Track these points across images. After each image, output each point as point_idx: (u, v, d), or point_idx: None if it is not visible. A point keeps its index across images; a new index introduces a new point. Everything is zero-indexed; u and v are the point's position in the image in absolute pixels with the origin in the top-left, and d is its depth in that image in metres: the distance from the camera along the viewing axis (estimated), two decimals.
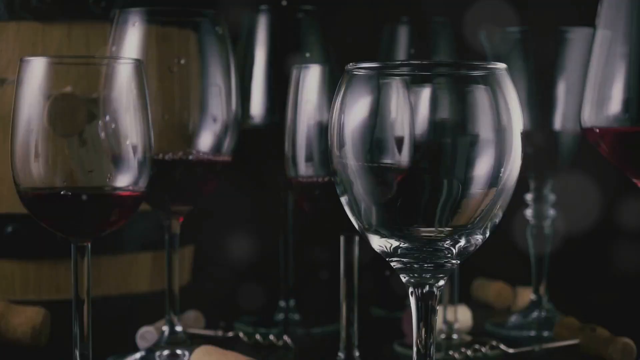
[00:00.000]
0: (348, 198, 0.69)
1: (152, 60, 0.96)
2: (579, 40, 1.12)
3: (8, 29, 1.11)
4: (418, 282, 0.70)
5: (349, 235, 0.94)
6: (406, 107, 0.66)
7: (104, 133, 0.84)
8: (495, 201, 0.67)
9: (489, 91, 0.66)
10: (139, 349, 1.03)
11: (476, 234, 0.68)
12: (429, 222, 0.67)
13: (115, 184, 0.84)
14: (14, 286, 1.13)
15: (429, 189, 0.66)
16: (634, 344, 1.01)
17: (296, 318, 1.22)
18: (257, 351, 1.07)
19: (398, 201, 0.67)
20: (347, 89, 0.68)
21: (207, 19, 0.99)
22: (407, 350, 1.07)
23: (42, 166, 0.82)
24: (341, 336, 0.96)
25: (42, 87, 0.83)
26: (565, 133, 1.14)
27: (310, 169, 0.91)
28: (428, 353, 0.71)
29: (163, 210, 1.00)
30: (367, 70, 0.67)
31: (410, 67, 0.67)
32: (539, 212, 1.19)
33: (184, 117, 0.97)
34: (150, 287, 1.19)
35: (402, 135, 0.66)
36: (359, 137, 0.67)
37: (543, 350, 1.06)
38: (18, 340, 1.05)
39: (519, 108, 0.68)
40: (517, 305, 1.31)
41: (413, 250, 0.68)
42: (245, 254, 1.48)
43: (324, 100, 0.91)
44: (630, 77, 0.87)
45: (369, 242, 0.70)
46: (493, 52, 1.16)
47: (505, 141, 0.66)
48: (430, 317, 0.71)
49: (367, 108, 0.67)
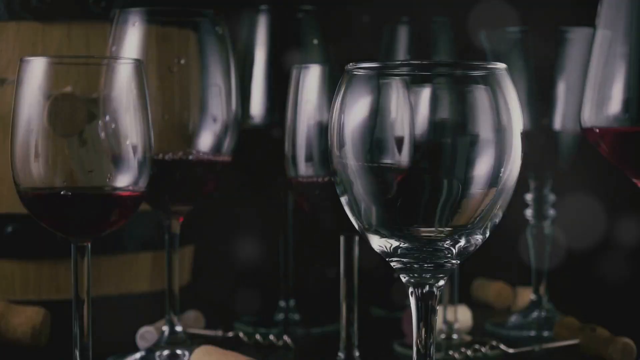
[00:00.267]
0: (348, 198, 0.69)
1: (152, 60, 0.96)
2: (579, 40, 1.12)
3: (8, 29, 1.11)
4: (418, 282, 0.70)
5: (349, 235, 0.94)
6: (406, 107, 0.66)
7: (104, 133, 0.84)
8: (495, 201, 0.67)
9: (489, 91, 0.66)
10: (139, 349, 1.03)
11: (476, 234, 0.68)
12: (429, 222, 0.67)
13: (115, 184, 0.84)
14: (14, 286, 1.12)
15: (429, 189, 0.66)
16: (634, 344, 1.01)
17: (296, 318, 1.22)
18: (257, 351, 1.07)
19: (398, 201, 0.67)
20: (347, 89, 0.68)
21: (207, 19, 0.99)
22: (407, 350, 1.07)
23: (42, 166, 0.82)
24: (341, 336, 0.96)
25: (42, 87, 0.83)
26: (565, 133, 1.14)
27: (310, 169, 0.91)
28: (428, 353, 0.71)
29: (163, 210, 1.00)
30: (367, 70, 0.67)
31: (410, 67, 0.67)
32: (539, 212, 1.19)
33: (184, 117, 0.97)
34: (150, 287, 1.19)
35: (402, 135, 0.66)
36: (359, 137, 0.67)
37: (543, 350, 1.06)
38: (18, 340, 1.05)
39: (519, 108, 0.68)
40: (517, 305, 1.31)
41: (413, 250, 0.68)
42: (245, 254, 1.48)
43: (324, 100, 0.91)
44: (630, 77, 0.87)
45: (369, 242, 0.70)
46: (493, 52, 1.16)
47: (505, 141, 0.66)
48: (430, 317, 0.71)
49: (367, 108, 0.67)
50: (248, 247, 1.48)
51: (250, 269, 1.46)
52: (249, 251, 1.47)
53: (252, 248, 1.47)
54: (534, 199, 1.19)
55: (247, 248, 1.48)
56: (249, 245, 1.47)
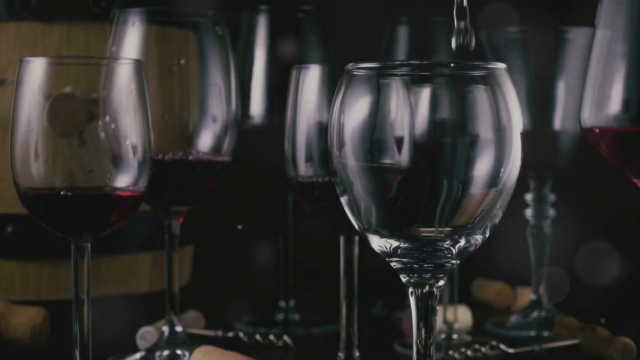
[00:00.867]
0: (348, 198, 0.69)
1: (152, 60, 0.96)
2: (579, 40, 1.12)
3: (8, 29, 1.11)
4: (418, 282, 0.70)
5: (349, 235, 0.94)
6: (406, 107, 0.66)
7: (104, 133, 0.83)
8: (495, 201, 0.67)
9: (489, 91, 0.66)
10: (139, 349, 1.03)
11: (476, 234, 0.68)
12: (429, 222, 0.67)
13: (115, 184, 0.84)
14: (14, 286, 1.12)
15: (429, 189, 0.66)
16: (634, 344, 1.01)
17: (296, 318, 1.22)
18: (257, 351, 1.07)
19: (398, 201, 0.67)
20: (347, 89, 0.68)
21: (207, 19, 0.99)
22: (407, 350, 1.07)
23: (42, 166, 0.82)
24: (341, 336, 0.96)
25: (42, 87, 0.83)
26: (565, 133, 1.14)
27: (310, 169, 0.91)
28: (428, 353, 0.71)
29: (163, 210, 1.00)
30: (367, 70, 0.67)
31: (410, 67, 0.67)
32: (539, 212, 1.19)
33: (184, 117, 0.97)
34: (150, 287, 1.19)
35: (402, 135, 0.66)
36: (359, 137, 0.67)
37: (543, 350, 1.06)
38: (18, 340, 1.05)
39: (519, 108, 0.68)
40: (517, 305, 1.31)
41: (413, 250, 0.68)
42: (246, 254, 1.47)
43: (324, 100, 0.91)
44: (630, 77, 0.87)
45: (369, 242, 0.70)
46: (493, 52, 1.16)
47: (505, 141, 0.66)
48: (430, 317, 0.71)
49: (367, 108, 0.67)
50: (248, 247, 1.47)
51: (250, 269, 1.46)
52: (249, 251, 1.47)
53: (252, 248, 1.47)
54: (534, 199, 1.19)
55: (248, 248, 1.47)
56: (249, 246, 1.47)
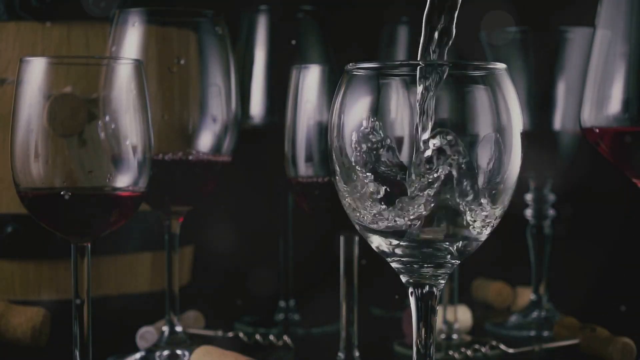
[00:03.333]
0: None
1: (152, 60, 0.96)
2: (579, 40, 1.12)
3: (8, 29, 1.11)
4: (418, 282, 0.70)
5: (349, 235, 0.94)
6: (406, 107, 0.66)
7: (104, 133, 0.83)
8: (495, 201, 0.67)
9: (489, 91, 0.66)
10: (139, 349, 1.03)
11: (476, 234, 0.68)
12: (429, 222, 0.67)
13: (115, 184, 0.84)
14: (14, 286, 1.12)
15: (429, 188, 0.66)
16: (634, 344, 1.01)
17: (296, 318, 1.22)
18: (257, 351, 1.07)
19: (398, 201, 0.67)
20: (347, 89, 0.68)
21: (207, 19, 0.99)
22: (407, 350, 1.07)
23: (42, 166, 0.82)
24: (341, 336, 0.96)
25: (42, 87, 0.83)
26: (565, 133, 1.14)
27: (310, 169, 0.91)
28: (428, 353, 0.71)
29: (163, 210, 1.00)
30: (367, 70, 0.67)
31: (410, 67, 0.67)
32: (539, 212, 1.19)
33: (184, 117, 0.97)
34: (150, 287, 1.19)
35: (402, 136, 0.66)
36: (358, 137, 0.67)
37: (543, 350, 1.06)
38: (18, 340, 1.05)
39: (518, 108, 0.68)
40: (517, 305, 1.31)
41: (413, 250, 0.68)
42: (245, 254, 1.47)
43: (324, 100, 0.91)
44: (630, 77, 0.87)
45: (369, 242, 0.70)
46: (493, 52, 1.16)
47: (505, 141, 0.66)
48: (430, 317, 0.70)
49: (367, 108, 0.67)
50: (248, 247, 1.47)
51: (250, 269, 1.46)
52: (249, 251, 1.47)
53: (252, 248, 1.47)
54: (534, 199, 1.19)
55: (247, 248, 1.47)
56: (249, 245, 1.47)
